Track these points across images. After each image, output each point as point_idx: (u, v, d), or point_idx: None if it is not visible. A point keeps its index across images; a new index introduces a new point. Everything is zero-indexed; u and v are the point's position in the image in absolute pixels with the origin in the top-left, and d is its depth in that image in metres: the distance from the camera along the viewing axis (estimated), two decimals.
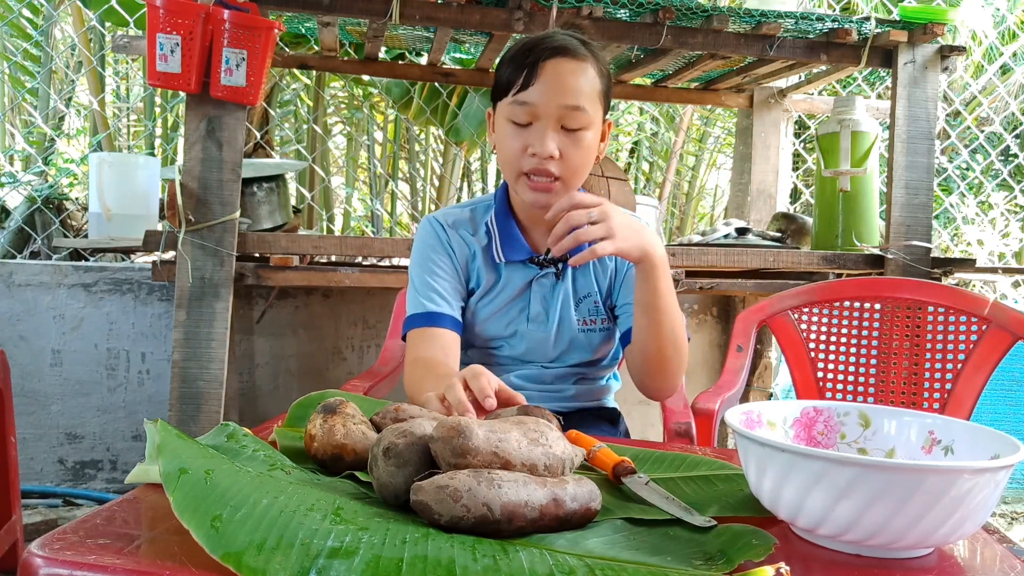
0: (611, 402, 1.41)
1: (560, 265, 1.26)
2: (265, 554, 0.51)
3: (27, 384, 2.40)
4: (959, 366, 1.55)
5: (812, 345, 1.69)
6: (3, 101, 3.90)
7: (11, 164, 3.73)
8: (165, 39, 1.84)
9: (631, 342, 1.21)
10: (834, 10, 3.72)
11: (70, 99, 4.17)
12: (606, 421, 1.37)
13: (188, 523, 0.53)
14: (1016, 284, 3.95)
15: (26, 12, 3.53)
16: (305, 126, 4.16)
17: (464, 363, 1.34)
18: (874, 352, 1.65)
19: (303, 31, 2.69)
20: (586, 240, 1.03)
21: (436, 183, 4.59)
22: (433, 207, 4.43)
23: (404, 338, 1.26)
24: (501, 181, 1.30)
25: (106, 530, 0.59)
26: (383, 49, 2.68)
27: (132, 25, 2.80)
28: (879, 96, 3.46)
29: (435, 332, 1.22)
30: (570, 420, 1.26)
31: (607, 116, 1.24)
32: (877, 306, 1.66)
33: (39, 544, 0.55)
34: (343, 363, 2.66)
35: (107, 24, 3.17)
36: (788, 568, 0.54)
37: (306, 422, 0.78)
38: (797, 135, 3.51)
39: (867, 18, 2.28)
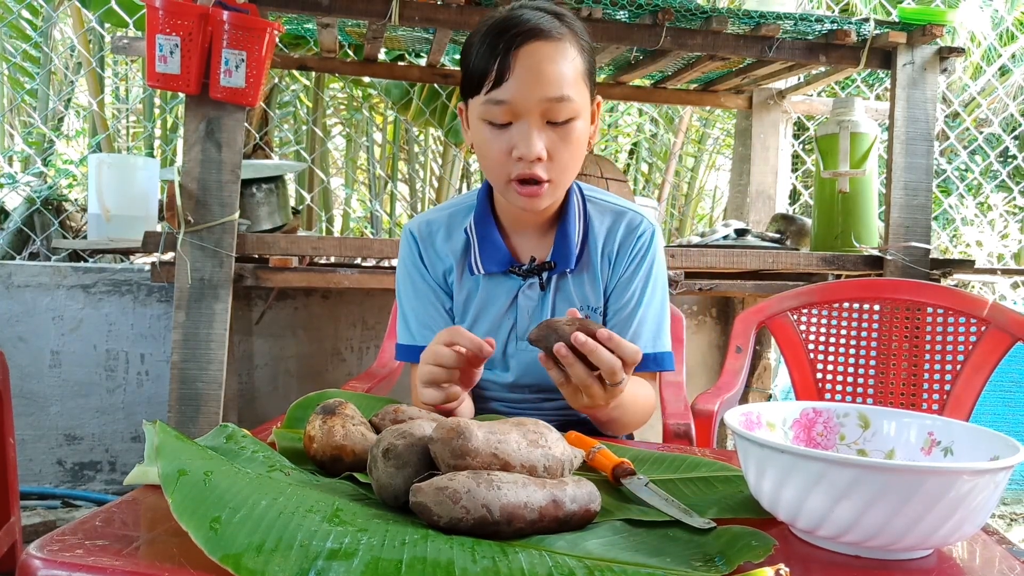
0: None
1: (544, 275, 1.14)
2: (264, 556, 0.51)
3: (26, 385, 2.40)
4: (958, 367, 1.55)
5: (811, 346, 1.69)
6: (2, 102, 3.90)
7: (10, 165, 3.73)
8: (164, 40, 1.84)
9: None
10: (833, 11, 3.72)
11: (69, 100, 4.17)
12: None
13: (187, 525, 0.53)
14: (1015, 285, 3.95)
15: (25, 13, 3.53)
16: (304, 127, 4.16)
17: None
18: (873, 353, 1.65)
19: (302, 32, 2.69)
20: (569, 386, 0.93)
21: (435, 184, 4.59)
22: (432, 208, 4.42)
23: (398, 359, 1.21)
24: (484, 180, 1.19)
25: (105, 531, 0.59)
26: (382, 50, 2.68)
27: (131, 26, 2.80)
28: (878, 97, 3.47)
29: None
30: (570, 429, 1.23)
31: (595, 96, 1.09)
32: (876, 307, 1.66)
33: (38, 545, 0.55)
34: (342, 364, 2.66)
35: (106, 25, 3.17)
36: (788, 569, 0.54)
37: (305, 423, 0.78)
38: (796, 136, 3.51)
39: (866, 19, 2.28)
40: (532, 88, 0.99)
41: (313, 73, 3.61)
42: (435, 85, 3.36)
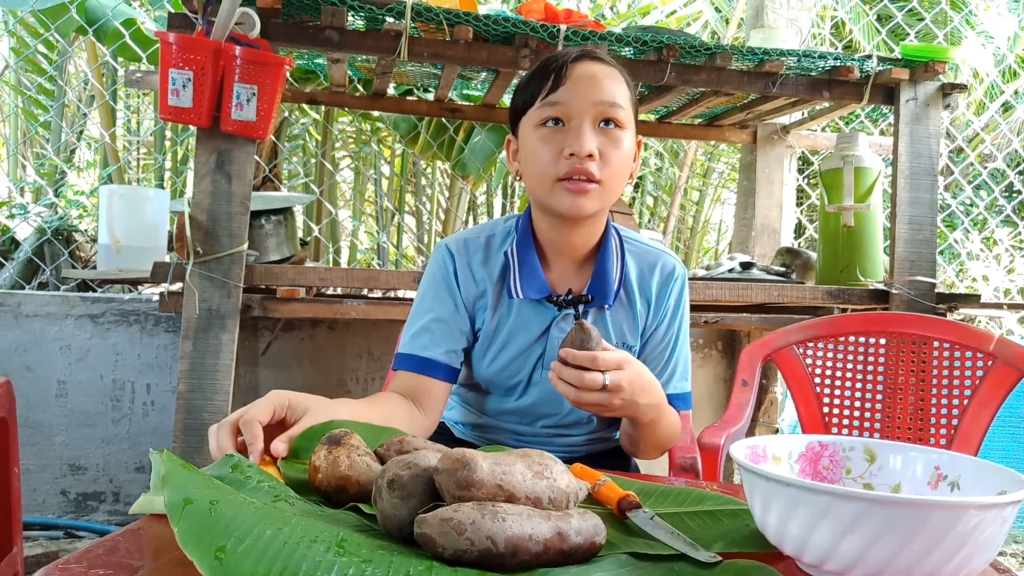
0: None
1: (581, 307, 1.13)
2: None
3: (32, 415, 2.40)
4: (965, 402, 1.54)
5: (817, 380, 1.69)
6: (16, 134, 3.96)
7: (22, 196, 3.77)
8: (177, 74, 1.88)
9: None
10: (836, 48, 3.77)
11: (82, 132, 4.23)
12: (616, 460, 1.31)
13: (192, 554, 0.53)
14: (1022, 320, 3.93)
15: (41, 48, 3.61)
16: (313, 160, 4.20)
17: (462, 409, 1.31)
18: (880, 387, 1.64)
19: (313, 67, 2.73)
20: (581, 406, 0.96)
21: (442, 216, 4.62)
22: (438, 240, 4.44)
23: (394, 368, 1.19)
24: (525, 208, 1.20)
25: (109, 560, 0.59)
26: (391, 85, 2.72)
27: (144, 60, 2.85)
28: (882, 132, 3.49)
29: (425, 381, 1.15)
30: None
31: (637, 135, 1.14)
32: (882, 341, 1.66)
33: (42, 574, 0.55)
34: (348, 395, 2.64)
35: (120, 59, 3.23)
36: None
37: (310, 453, 0.78)
38: (800, 171, 3.53)
39: (869, 56, 2.30)
40: (587, 92, 1.06)
41: (323, 107, 3.66)
42: (443, 119, 3.40)
